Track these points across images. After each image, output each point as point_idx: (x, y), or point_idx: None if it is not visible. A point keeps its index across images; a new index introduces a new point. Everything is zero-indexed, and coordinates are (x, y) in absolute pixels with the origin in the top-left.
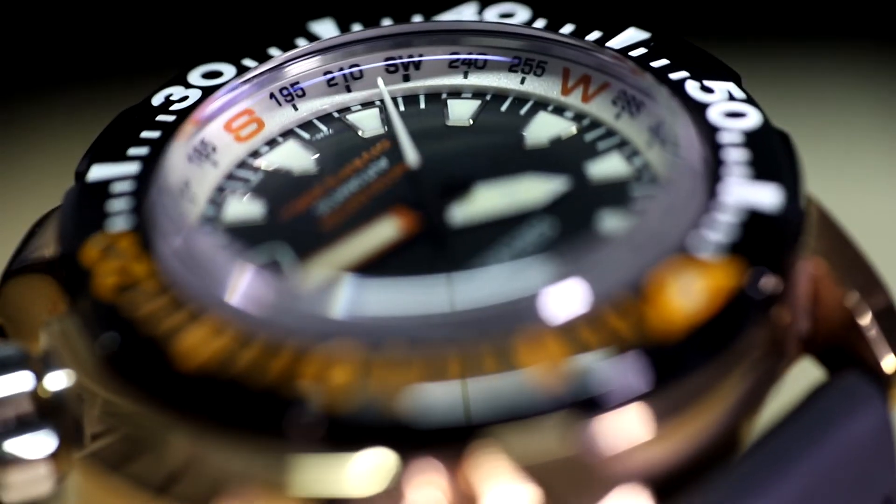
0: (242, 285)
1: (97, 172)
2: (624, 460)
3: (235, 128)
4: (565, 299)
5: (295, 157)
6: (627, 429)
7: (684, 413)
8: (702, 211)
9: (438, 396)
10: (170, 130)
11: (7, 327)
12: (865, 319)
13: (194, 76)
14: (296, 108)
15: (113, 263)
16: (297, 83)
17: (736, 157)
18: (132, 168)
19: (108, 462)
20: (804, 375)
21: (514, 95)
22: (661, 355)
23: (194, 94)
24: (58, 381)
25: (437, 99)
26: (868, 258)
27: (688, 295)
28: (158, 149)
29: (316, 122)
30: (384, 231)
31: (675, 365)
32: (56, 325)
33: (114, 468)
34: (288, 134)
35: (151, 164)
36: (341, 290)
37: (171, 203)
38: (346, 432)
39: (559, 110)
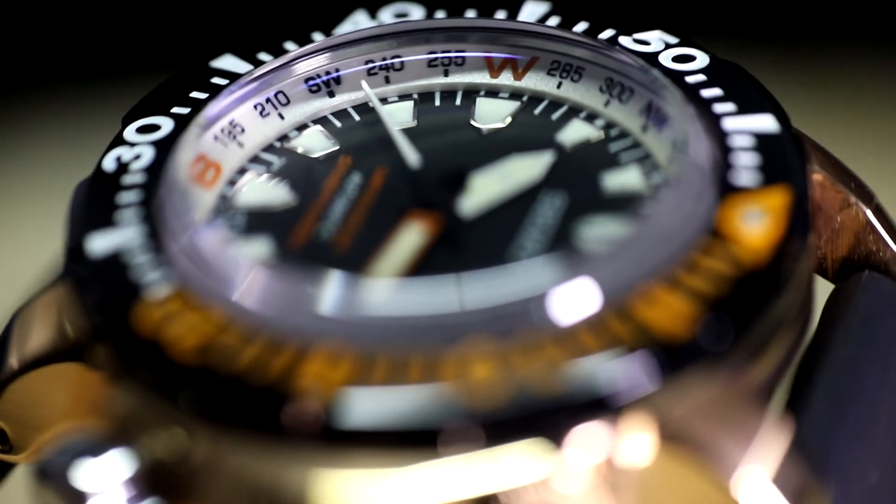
0: (352, 309)
1: (99, 245)
2: (757, 385)
3: (197, 175)
4: (654, 253)
5: (266, 193)
6: (760, 355)
7: (784, 330)
8: (721, 144)
9: (583, 371)
10: (147, 189)
11: (14, 428)
12: (870, 214)
13: (130, 133)
14: (241, 146)
15: (178, 327)
16: (233, 120)
17: (713, 94)
18: (134, 233)
19: None
20: None
21: (440, 90)
22: (763, 280)
23: (145, 151)
24: (146, 454)
25: (366, 108)
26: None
27: (758, 222)
28: (148, 210)
29: (263, 154)
30: (412, 237)
31: (774, 285)
32: (121, 403)
33: None
34: (243, 172)
35: (152, 227)
36: (441, 291)
37: (219, 248)
38: (503, 423)
39: (493, 93)
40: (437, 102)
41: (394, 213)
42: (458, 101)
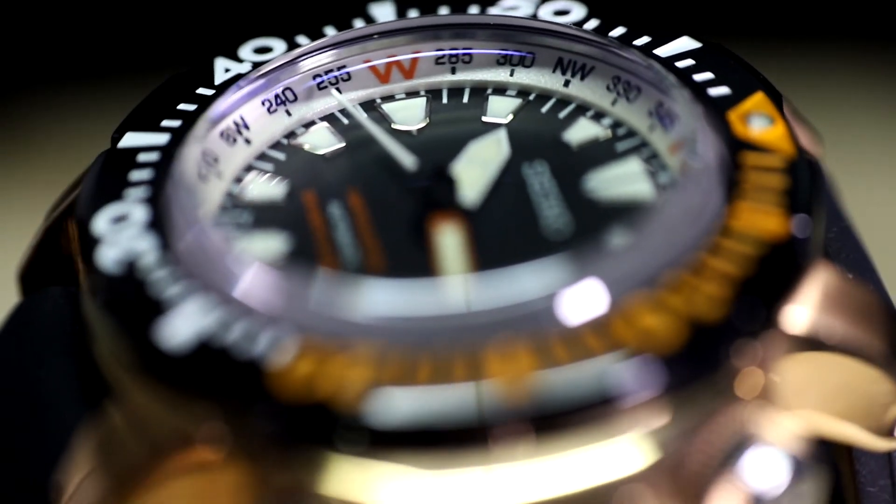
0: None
1: (181, 335)
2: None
3: None
4: (716, 177)
5: (261, 248)
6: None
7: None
8: (676, 72)
9: (734, 296)
10: (182, 269)
11: None
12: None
13: (104, 227)
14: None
15: (329, 382)
16: (189, 188)
17: (622, 33)
18: (207, 312)
19: None
20: None
21: (335, 110)
22: (804, 167)
23: (136, 243)
24: None
25: (279, 145)
26: None
27: (769, 125)
28: (205, 285)
29: (225, 208)
30: (451, 240)
31: (814, 169)
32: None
33: None
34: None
35: (224, 299)
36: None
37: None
38: (688, 363)
39: (390, 97)
40: (346, 121)
41: (407, 222)
42: (365, 116)
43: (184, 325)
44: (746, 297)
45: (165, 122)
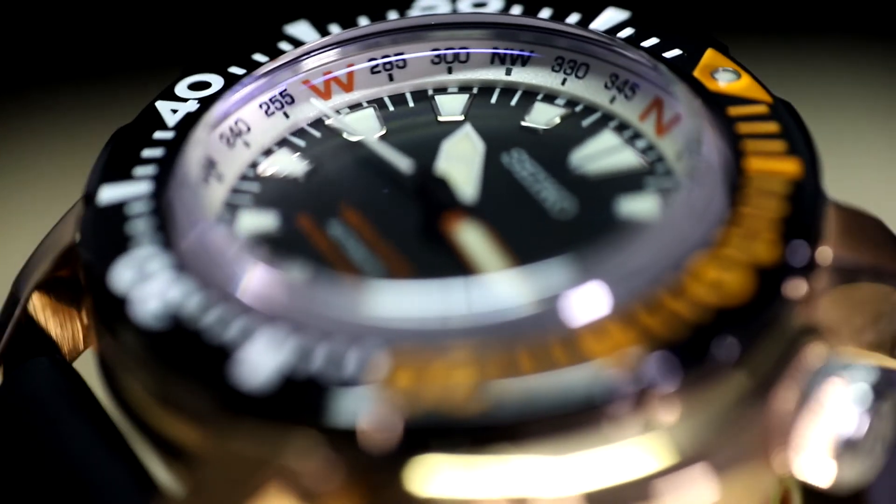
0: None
1: (262, 367)
2: None
3: None
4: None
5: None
6: None
7: None
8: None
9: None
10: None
11: None
12: None
13: (121, 281)
14: None
15: (436, 389)
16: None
17: (553, 13)
18: (276, 346)
19: None
20: None
21: (290, 133)
22: (782, 106)
23: (157, 276)
24: None
25: (248, 176)
26: None
27: (735, 77)
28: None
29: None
30: (473, 237)
31: (790, 109)
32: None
33: None
34: None
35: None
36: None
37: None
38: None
39: (336, 113)
40: (303, 143)
41: (416, 227)
42: (318, 134)
43: (262, 361)
44: (792, 235)
45: (139, 171)
